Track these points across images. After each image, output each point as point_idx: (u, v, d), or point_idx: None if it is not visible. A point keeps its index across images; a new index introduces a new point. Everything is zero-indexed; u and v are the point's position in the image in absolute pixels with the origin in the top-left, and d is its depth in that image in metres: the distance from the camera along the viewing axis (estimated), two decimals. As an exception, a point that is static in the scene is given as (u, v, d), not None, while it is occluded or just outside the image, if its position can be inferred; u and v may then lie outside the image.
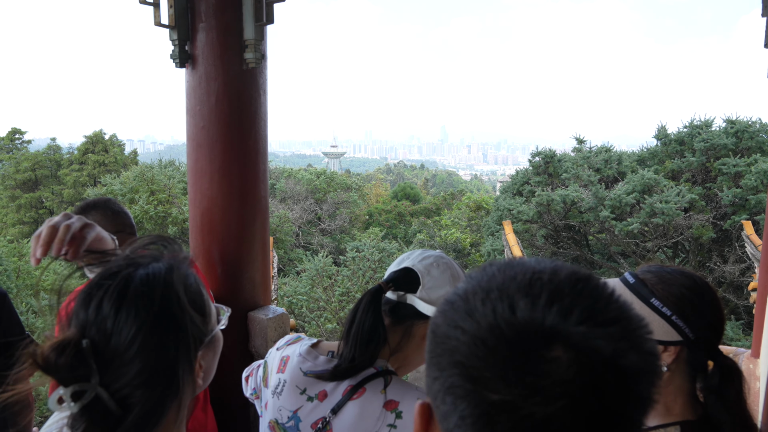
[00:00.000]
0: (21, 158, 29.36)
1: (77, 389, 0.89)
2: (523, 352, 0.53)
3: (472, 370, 0.55)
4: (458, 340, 0.57)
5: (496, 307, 0.57)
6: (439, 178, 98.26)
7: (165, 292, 0.99)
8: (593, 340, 0.53)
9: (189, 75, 2.68)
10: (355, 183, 27.87)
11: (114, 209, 2.39)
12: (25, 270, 13.81)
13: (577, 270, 0.62)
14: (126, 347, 0.92)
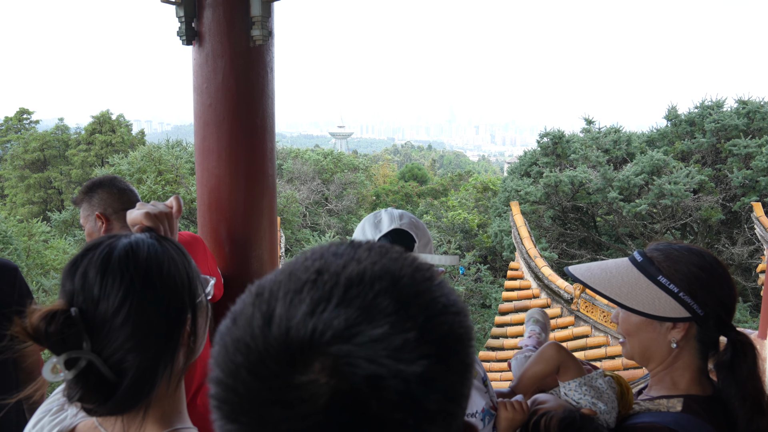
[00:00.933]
0: (29, 138, 29.48)
1: (70, 356, 0.91)
2: (267, 379, 0.45)
3: (221, 400, 0.48)
4: (219, 346, 0.50)
5: (254, 316, 0.49)
6: (447, 159, 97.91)
7: (148, 258, 1.01)
8: (348, 362, 0.44)
9: (196, 53, 2.66)
10: (363, 164, 27.82)
11: (120, 187, 2.41)
12: (35, 249, 13.96)
13: (373, 270, 0.51)
14: (114, 312, 0.94)
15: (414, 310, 0.48)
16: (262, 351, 0.46)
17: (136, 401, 0.98)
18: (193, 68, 2.70)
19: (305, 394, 0.44)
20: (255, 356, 0.46)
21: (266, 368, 0.46)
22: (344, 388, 0.44)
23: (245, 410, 0.46)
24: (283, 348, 0.46)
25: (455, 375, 0.49)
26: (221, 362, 0.49)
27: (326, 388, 0.44)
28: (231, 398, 0.47)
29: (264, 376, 0.45)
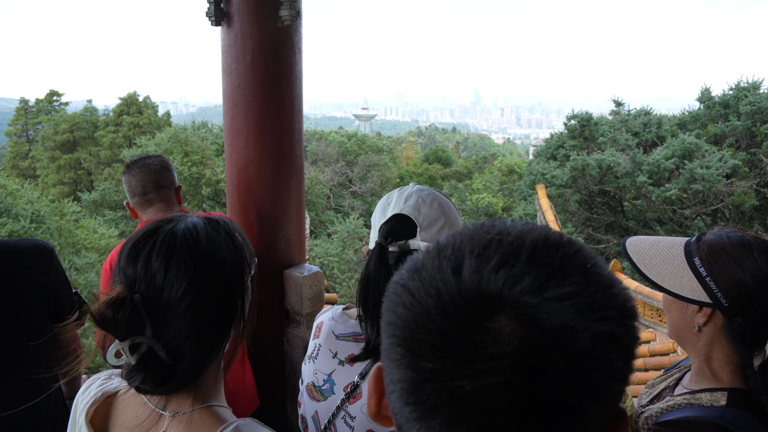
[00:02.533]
0: (59, 120, 30.00)
1: (134, 343, 0.94)
2: (458, 319, 0.48)
3: (407, 333, 0.50)
4: (400, 300, 0.53)
5: (442, 267, 0.51)
6: (471, 141, 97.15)
7: (208, 245, 1.02)
8: (539, 313, 0.47)
9: (224, 33, 2.66)
10: (386, 146, 27.72)
11: (131, 172, 2.57)
12: (66, 229, 14.26)
13: (551, 235, 0.54)
14: (178, 301, 0.96)
15: (596, 277, 0.51)
16: (454, 295, 0.49)
17: (187, 384, 1.02)
18: (221, 49, 2.70)
19: (495, 337, 0.46)
20: (447, 299, 0.49)
21: (458, 310, 0.48)
22: (534, 336, 0.46)
23: (435, 348, 0.48)
24: (475, 294, 0.48)
25: (633, 341, 0.52)
26: (408, 304, 0.51)
27: (516, 334, 0.46)
28: (420, 337, 0.49)
29: (456, 316, 0.48)
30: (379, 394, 0.61)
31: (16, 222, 12.05)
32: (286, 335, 2.94)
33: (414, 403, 0.49)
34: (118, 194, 19.91)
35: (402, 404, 0.51)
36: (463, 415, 0.46)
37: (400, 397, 0.51)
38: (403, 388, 0.50)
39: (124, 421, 1.09)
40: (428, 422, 0.48)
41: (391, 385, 0.53)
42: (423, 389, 0.48)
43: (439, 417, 0.47)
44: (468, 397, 0.46)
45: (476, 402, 0.46)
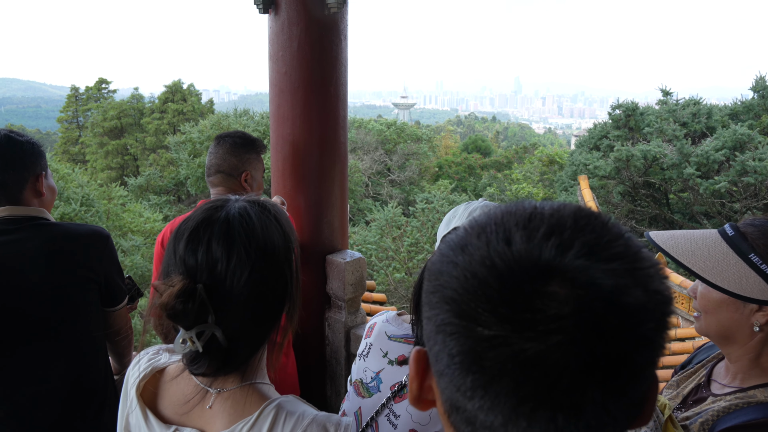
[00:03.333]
0: (107, 107, 30.87)
1: (200, 330, 0.97)
2: (516, 286, 0.49)
3: (463, 304, 0.51)
4: (450, 275, 0.54)
5: (491, 240, 0.53)
6: (511, 130, 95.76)
7: (263, 231, 1.05)
8: (593, 275, 0.49)
9: (272, 21, 2.69)
10: (425, 134, 27.55)
11: (229, 147, 2.49)
12: (114, 212, 14.71)
13: (583, 208, 0.57)
14: (240, 290, 0.99)
15: (633, 241, 0.55)
16: (510, 263, 0.51)
17: (239, 366, 1.07)
18: (268, 36, 2.74)
19: (554, 299, 0.48)
20: (503, 267, 0.51)
21: (515, 277, 0.50)
22: (591, 295, 0.48)
23: (496, 315, 0.49)
24: (529, 261, 0.50)
25: (670, 297, 0.54)
26: (461, 277, 0.53)
27: (574, 296, 0.48)
28: (479, 306, 0.50)
29: (514, 283, 0.50)
30: (420, 377, 0.61)
31: (68, 205, 12.50)
32: (327, 320, 2.99)
33: (477, 371, 0.50)
34: (162, 179, 20.41)
35: (462, 376, 0.51)
36: (529, 377, 0.48)
37: (459, 369, 0.51)
38: (464, 359, 0.51)
39: (171, 396, 1.13)
40: (494, 388, 0.49)
41: (445, 360, 0.53)
42: (486, 356, 0.49)
43: (504, 381, 0.49)
44: (532, 359, 0.48)
45: (541, 363, 0.47)
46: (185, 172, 18.25)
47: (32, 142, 1.97)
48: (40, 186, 1.96)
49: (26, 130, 45.90)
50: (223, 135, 2.50)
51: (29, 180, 1.92)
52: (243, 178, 2.45)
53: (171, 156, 20.80)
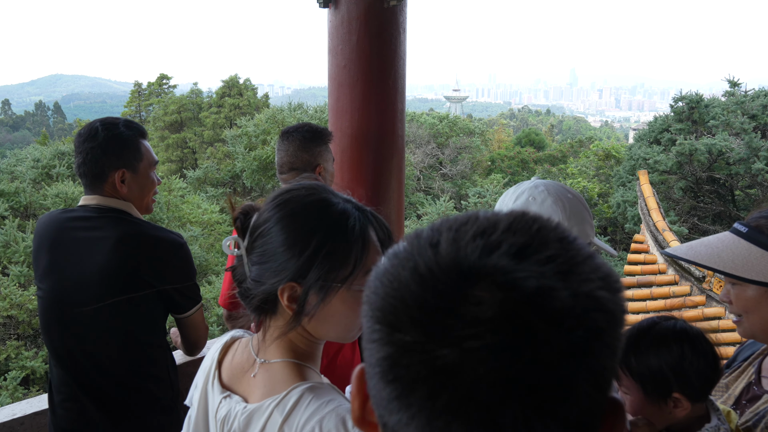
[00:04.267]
0: (168, 102, 31.96)
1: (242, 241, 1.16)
2: (436, 289, 0.46)
3: (386, 309, 0.49)
4: (378, 280, 0.52)
5: (420, 243, 0.51)
6: (566, 124, 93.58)
7: (309, 206, 1.13)
8: (516, 276, 0.45)
9: (332, 15, 2.73)
10: (478, 128, 27.24)
11: (277, 147, 2.44)
12: (174, 203, 15.25)
13: (531, 213, 0.53)
14: (271, 240, 1.11)
15: (576, 247, 0.50)
16: (431, 265, 0.48)
17: (260, 311, 1.15)
18: (328, 30, 2.78)
19: (475, 303, 0.45)
20: (424, 269, 0.48)
21: (435, 280, 0.47)
22: (512, 298, 0.45)
23: (414, 319, 0.47)
24: (452, 263, 0.48)
25: (618, 308, 0.50)
26: (385, 281, 0.51)
27: (496, 299, 0.45)
28: (399, 310, 0.48)
29: (433, 286, 0.47)
30: (362, 397, 0.57)
31: (131, 196, 13.01)
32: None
33: (393, 380, 0.47)
34: (219, 172, 20.98)
35: (382, 385, 0.49)
36: (445, 386, 0.45)
37: (380, 379, 0.49)
38: (383, 367, 0.48)
39: (232, 360, 1.22)
40: (407, 399, 0.46)
41: (369, 371, 0.51)
42: (402, 363, 0.47)
43: (419, 391, 0.46)
44: (449, 367, 0.44)
45: (458, 371, 0.44)
46: (241, 165, 18.69)
47: (116, 135, 1.99)
48: (118, 181, 1.99)
49: (92, 125, 47.89)
50: (290, 130, 2.39)
51: (109, 174, 1.98)
52: (317, 173, 2.39)
53: (227, 149, 21.35)
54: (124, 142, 2.00)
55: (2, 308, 9.13)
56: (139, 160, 2.04)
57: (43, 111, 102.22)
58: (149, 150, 2.11)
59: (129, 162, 2.02)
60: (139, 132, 2.08)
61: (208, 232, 15.74)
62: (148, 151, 2.09)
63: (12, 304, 9.16)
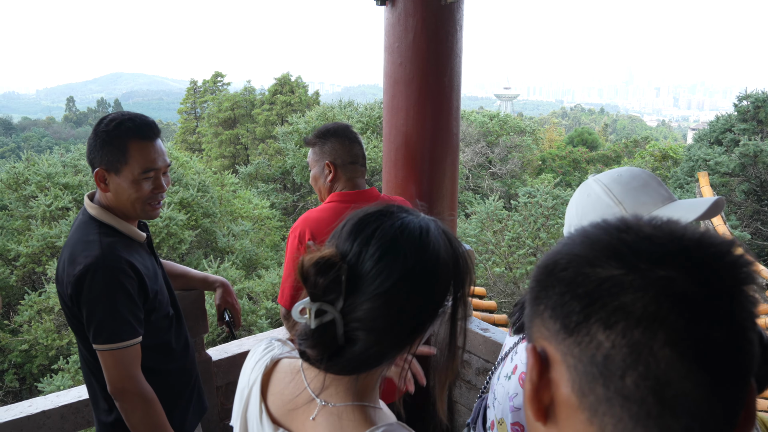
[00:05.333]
0: (222, 99, 32.73)
1: (321, 309, 0.93)
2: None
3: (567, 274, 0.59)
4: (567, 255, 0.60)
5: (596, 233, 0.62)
6: (621, 123, 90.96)
7: (434, 254, 0.96)
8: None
9: (388, 12, 2.73)
10: (529, 127, 26.77)
11: (351, 138, 2.36)
12: (226, 198, 15.62)
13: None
14: (378, 295, 0.92)
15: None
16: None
17: (348, 371, 0.99)
18: (384, 28, 2.77)
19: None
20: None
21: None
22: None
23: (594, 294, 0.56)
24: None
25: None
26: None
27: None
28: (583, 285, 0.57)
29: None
30: (539, 370, 0.62)
31: (186, 190, 13.41)
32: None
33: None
34: (270, 168, 21.36)
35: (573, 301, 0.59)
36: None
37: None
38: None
39: (281, 391, 1.09)
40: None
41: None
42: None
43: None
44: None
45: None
46: (291, 161, 18.96)
47: (103, 131, 1.83)
48: (98, 181, 1.87)
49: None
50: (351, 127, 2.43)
51: (93, 171, 1.88)
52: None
53: (278, 146, 21.70)
54: (106, 140, 1.82)
55: (65, 295, 9.56)
56: (123, 162, 1.82)
57: (105, 108, 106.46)
58: (146, 153, 1.85)
59: (110, 162, 1.83)
60: (136, 131, 1.83)
61: (258, 226, 16.05)
62: (141, 155, 1.84)
63: (74, 292, 9.57)
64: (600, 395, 0.55)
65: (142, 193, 1.86)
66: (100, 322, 1.76)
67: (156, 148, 1.88)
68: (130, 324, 1.79)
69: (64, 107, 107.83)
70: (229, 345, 2.91)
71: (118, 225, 1.89)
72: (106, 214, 1.87)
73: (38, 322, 9.77)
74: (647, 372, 0.52)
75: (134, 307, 1.81)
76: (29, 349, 9.80)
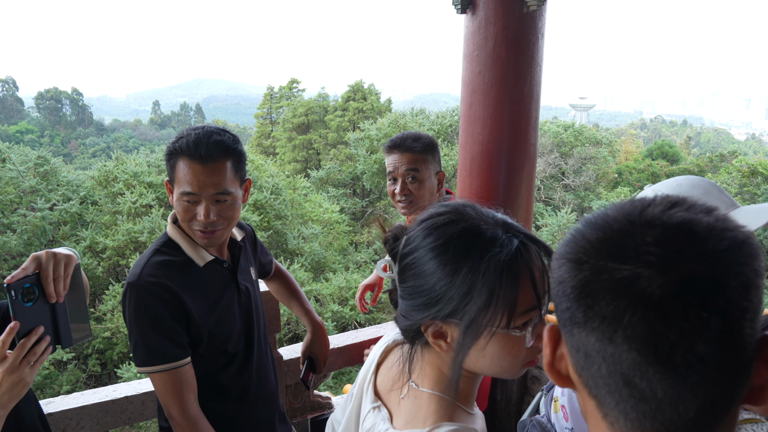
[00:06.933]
0: (297, 105, 33.65)
1: (391, 262, 1.10)
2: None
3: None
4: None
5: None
6: (705, 136, 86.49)
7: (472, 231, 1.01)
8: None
9: (468, 20, 2.72)
10: (605, 138, 25.88)
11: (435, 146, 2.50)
12: (297, 201, 16.00)
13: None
14: (430, 267, 1.01)
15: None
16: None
17: (411, 338, 1.10)
18: (464, 36, 2.76)
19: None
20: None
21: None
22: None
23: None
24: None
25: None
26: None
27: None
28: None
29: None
30: (553, 344, 0.69)
31: (260, 192, 13.86)
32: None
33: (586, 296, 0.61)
34: (340, 173, 21.71)
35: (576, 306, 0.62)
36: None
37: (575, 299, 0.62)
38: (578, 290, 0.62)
39: (389, 368, 1.19)
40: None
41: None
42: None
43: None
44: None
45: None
46: (362, 167, 19.20)
47: (170, 142, 1.75)
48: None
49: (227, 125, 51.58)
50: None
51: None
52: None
53: (350, 151, 22.04)
54: (167, 153, 1.74)
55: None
56: (172, 179, 1.74)
57: (186, 111, 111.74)
58: (187, 175, 1.67)
59: (169, 176, 1.76)
60: (186, 149, 1.66)
61: (328, 230, 16.34)
62: (182, 175, 1.68)
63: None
64: (588, 377, 0.62)
65: (183, 216, 1.72)
66: (134, 344, 1.71)
67: (202, 171, 1.65)
68: (163, 348, 1.69)
69: (150, 110, 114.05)
70: (299, 345, 2.97)
71: (182, 243, 1.79)
72: (176, 231, 1.81)
73: (120, 312, 10.35)
74: (614, 365, 0.57)
75: (169, 331, 1.70)
76: (111, 336, 10.40)
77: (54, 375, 9.97)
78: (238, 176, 1.74)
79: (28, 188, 12.64)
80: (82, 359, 10.85)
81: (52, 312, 1.33)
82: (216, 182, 1.66)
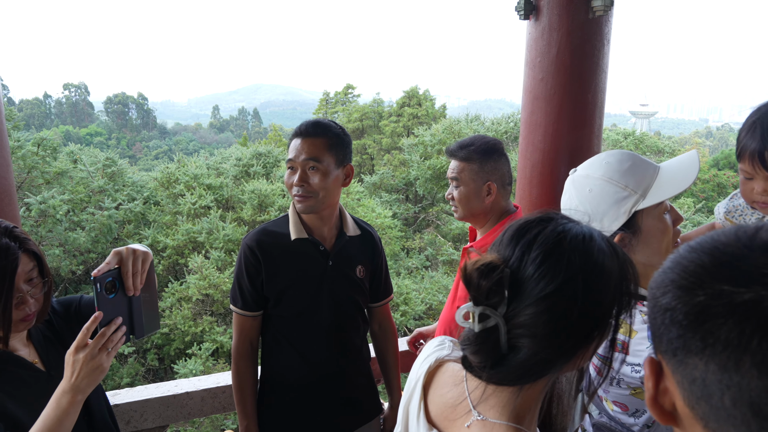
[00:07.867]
0: (352, 110, 34.01)
1: (484, 312, 0.93)
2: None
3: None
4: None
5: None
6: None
7: (598, 259, 0.93)
8: None
9: (531, 27, 2.68)
10: (668, 147, 24.93)
11: (506, 157, 2.34)
12: (350, 206, 16.16)
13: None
14: (542, 298, 0.90)
15: None
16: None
17: (510, 382, 0.97)
18: (527, 42, 2.73)
19: None
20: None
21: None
22: None
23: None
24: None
25: None
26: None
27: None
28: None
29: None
30: (656, 377, 0.66)
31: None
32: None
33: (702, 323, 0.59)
34: (394, 179, 21.77)
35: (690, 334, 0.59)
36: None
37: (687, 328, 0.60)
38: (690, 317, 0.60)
39: (443, 394, 1.09)
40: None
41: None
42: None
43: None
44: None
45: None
46: (415, 173, 19.19)
47: None
48: None
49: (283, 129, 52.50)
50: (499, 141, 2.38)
51: None
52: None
53: (403, 157, 22.08)
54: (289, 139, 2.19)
55: (202, 287, 10.40)
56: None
57: (244, 116, 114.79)
58: (291, 147, 2.10)
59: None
60: (298, 129, 2.08)
61: (380, 235, 16.40)
62: (292, 147, 2.10)
63: (210, 284, 10.39)
64: (706, 410, 0.58)
65: (287, 182, 2.04)
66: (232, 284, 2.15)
67: (301, 143, 2.00)
68: (239, 295, 2.09)
69: (210, 114, 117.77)
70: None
71: (291, 217, 2.11)
72: (292, 209, 2.13)
73: (178, 309, 10.70)
74: (740, 394, 0.53)
75: (243, 284, 2.08)
76: (169, 332, 10.76)
77: (115, 367, 10.39)
78: (332, 154, 2.00)
79: (96, 188, 13.26)
80: (141, 353, 11.27)
81: (129, 304, 1.40)
82: (309, 150, 1.97)
